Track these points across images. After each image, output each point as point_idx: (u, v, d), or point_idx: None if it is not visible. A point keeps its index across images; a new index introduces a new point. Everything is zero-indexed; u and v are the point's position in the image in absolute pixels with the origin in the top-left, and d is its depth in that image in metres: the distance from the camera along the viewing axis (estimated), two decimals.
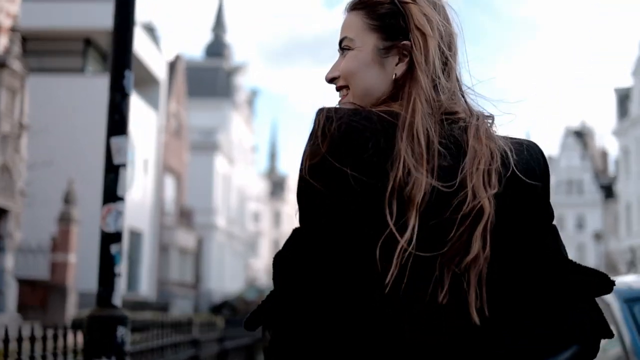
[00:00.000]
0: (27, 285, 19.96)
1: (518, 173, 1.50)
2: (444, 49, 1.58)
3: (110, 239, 3.87)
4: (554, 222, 1.57)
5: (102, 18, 28.55)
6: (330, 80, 1.65)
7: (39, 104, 22.92)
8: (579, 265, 1.54)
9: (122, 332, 3.80)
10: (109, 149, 3.94)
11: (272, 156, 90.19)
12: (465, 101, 1.61)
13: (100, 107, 26.79)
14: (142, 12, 32.27)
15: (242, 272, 56.27)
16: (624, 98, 56.93)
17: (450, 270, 1.44)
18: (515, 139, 1.58)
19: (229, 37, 57.97)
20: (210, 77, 51.12)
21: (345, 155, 1.43)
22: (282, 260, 1.49)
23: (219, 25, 57.18)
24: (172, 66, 37.54)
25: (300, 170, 1.46)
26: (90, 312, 3.89)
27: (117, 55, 4.09)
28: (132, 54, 4.22)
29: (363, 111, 1.51)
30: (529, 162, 1.53)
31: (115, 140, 3.95)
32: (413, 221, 1.42)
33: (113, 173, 3.92)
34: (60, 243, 21.83)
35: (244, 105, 56.80)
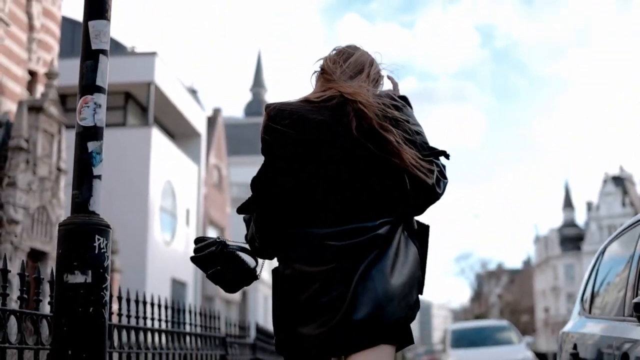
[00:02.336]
0: None
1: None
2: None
3: (88, 134, 3.09)
4: None
5: (142, 73, 28.45)
6: None
7: None
8: None
9: (100, 242, 3.00)
10: (87, 34, 3.18)
11: None
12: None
13: (142, 159, 26.54)
14: (184, 75, 32.19)
15: None
16: None
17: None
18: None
19: (268, 96, 57.61)
20: (250, 135, 50.79)
21: (273, 122, 2.82)
22: (254, 177, 2.86)
23: (257, 84, 57.03)
24: (212, 120, 37.25)
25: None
26: (64, 220, 3.10)
27: None
28: None
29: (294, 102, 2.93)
30: None
31: (93, 24, 3.20)
32: None
33: (91, 60, 3.15)
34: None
35: None
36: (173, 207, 29.91)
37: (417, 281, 2.81)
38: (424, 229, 2.92)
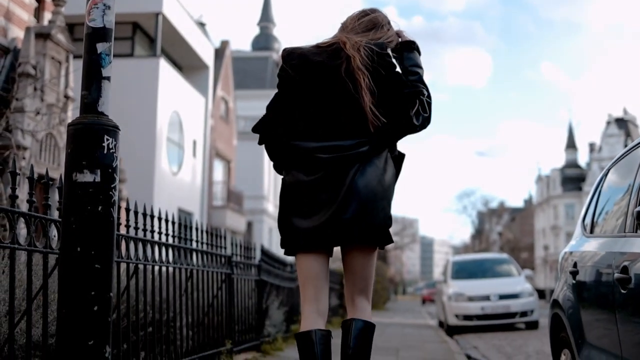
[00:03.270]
0: None
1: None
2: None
3: (96, 35, 3.05)
4: None
5: (150, 3, 28.14)
6: None
7: None
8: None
9: (109, 142, 3.00)
10: None
11: None
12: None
13: (149, 90, 26.39)
14: (192, 8, 31.88)
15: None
16: None
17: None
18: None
19: (276, 31, 56.98)
20: (257, 68, 50.43)
21: (285, 62, 3.59)
22: (270, 102, 3.62)
23: (265, 18, 56.33)
24: (219, 52, 36.95)
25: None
26: (73, 120, 3.09)
27: None
28: None
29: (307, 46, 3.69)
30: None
31: None
32: None
33: None
34: None
35: None
36: (180, 138, 29.88)
37: (391, 197, 3.57)
38: (401, 156, 3.70)
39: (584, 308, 4.44)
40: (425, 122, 3.58)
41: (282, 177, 3.63)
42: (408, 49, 3.76)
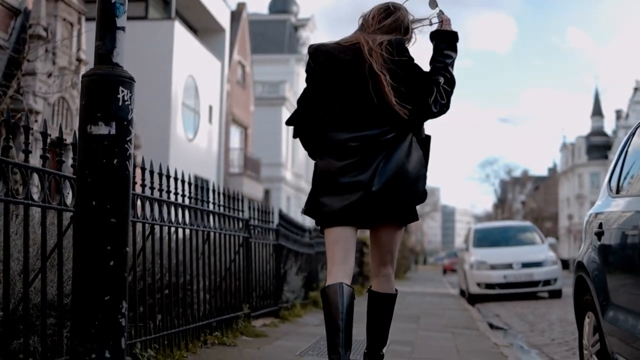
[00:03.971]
0: None
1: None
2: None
3: None
4: None
5: None
6: None
7: None
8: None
9: (124, 94, 3.00)
10: None
11: None
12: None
13: (164, 54, 26.25)
14: None
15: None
16: None
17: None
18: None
19: None
20: (275, 32, 50.19)
21: (312, 58, 4.08)
22: (299, 97, 4.17)
23: None
24: (236, 15, 36.75)
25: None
26: (87, 71, 3.09)
27: None
28: None
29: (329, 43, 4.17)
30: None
31: None
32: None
33: None
34: None
35: None
36: (196, 104, 29.86)
37: (422, 176, 4.09)
38: (427, 138, 4.22)
39: (610, 269, 4.43)
40: (443, 107, 4.07)
41: (314, 162, 4.19)
42: (443, 39, 4.19)
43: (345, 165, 3.96)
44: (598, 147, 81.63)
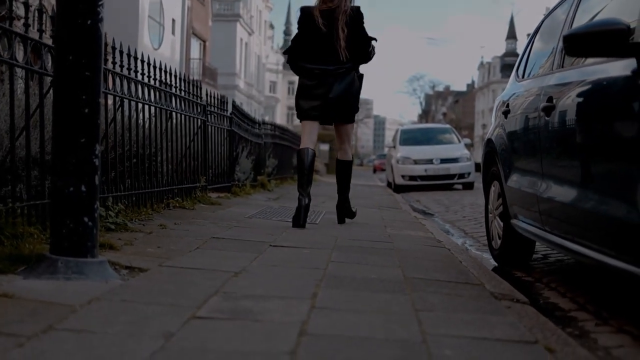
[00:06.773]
0: None
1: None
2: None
3: None
4: None
5: None
6: None
7: None
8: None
9: None
10: None
11: (287, 34, 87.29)
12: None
13: None
14: None
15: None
16: None
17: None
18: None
19: None
20: None
21: (299, 17, 5.85)
22: (293, 37, 5.90)
23: None
24: None
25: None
26: None
27: None
28: None
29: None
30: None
31: None
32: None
33: None
34: None
35: None
36: (160, 17, 29.16)
37: (358, 97, 5.86)
38: (361, 76, 5.86)
39: (514, 139, 4.54)
40: (372, 57, 5.87)
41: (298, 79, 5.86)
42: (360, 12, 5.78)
43: (313, 84, 5.66)
44: (511, 66, 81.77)
